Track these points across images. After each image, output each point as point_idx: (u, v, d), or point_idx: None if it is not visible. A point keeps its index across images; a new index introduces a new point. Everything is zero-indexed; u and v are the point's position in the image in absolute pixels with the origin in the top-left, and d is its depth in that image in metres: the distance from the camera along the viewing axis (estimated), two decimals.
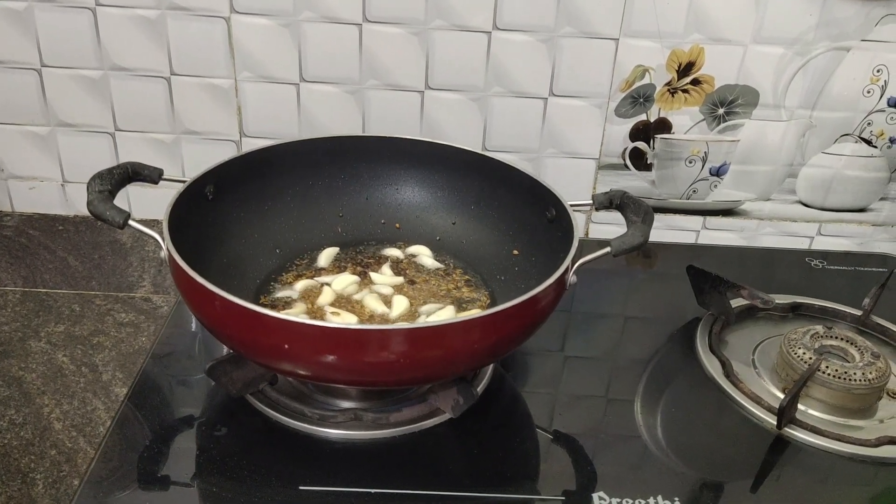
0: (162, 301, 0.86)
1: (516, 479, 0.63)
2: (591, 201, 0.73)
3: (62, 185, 0.95)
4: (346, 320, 0.70)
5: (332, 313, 0.71)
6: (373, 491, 0.59)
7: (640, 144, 0.95)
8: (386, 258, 0.81)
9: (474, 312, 0.74)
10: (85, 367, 0.75)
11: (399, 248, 0.82)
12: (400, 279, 0.78)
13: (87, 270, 0.91)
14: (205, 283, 0.56)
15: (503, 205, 0.79)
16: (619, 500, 0.60)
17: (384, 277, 0.78)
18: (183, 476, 0.61)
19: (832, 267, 0.96)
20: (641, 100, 0.92)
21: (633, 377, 0.76)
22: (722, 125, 0.94)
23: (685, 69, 0.90)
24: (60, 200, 0.96)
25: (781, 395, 0.72)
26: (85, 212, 0.95)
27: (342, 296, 0.75)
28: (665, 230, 1.01)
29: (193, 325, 0.80)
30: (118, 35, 0.86)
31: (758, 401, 0.71)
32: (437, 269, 0.80)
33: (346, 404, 0.67)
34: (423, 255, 0.82)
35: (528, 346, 0.64)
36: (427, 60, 0.88)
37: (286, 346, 0.55)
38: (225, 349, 0.75)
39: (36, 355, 0.77)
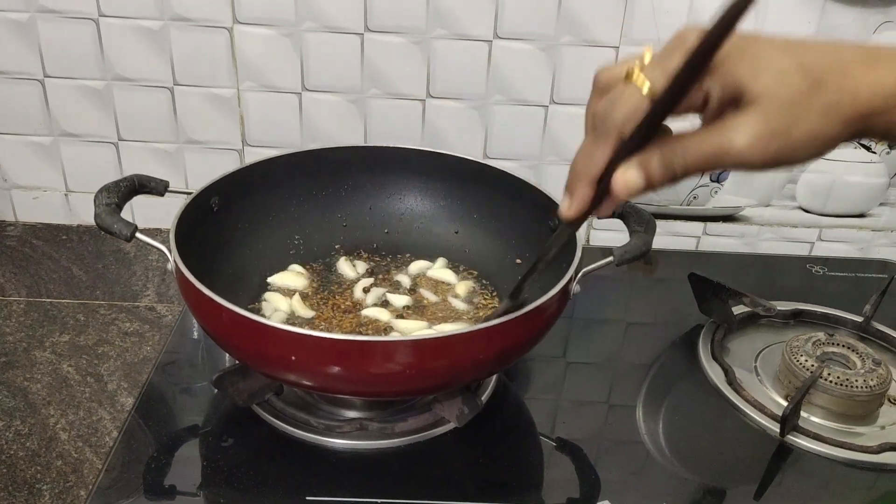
0: (166, 310, 0.86)
1: (521, 487, 0.64)
2: None
3: (66, 194, 0.95)
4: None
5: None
6: (379, 500, 0.60)
7: None
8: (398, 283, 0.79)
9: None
10: (90, 377, 0.76)
11: (406, 273, 0.80)
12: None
13: (91, 280, 0.91)
14: (212, 296, 0.56)
15: (505, 214, 0.80)
16: None
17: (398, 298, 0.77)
18: (189, 486, 0.61)
19: (833, 273, 0.97)
20: None
21: (635, 384, 0.76)
22: None
23: None
24: (64, 210, 0.96)
25: (784, 402, 0.73)
26: (88, 221, 0.96)
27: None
28: (666, 236, 1.01)
29: (196, 335, 0.80)
30: (121, 45, 0.86)
31: (760, 408, 0.72)
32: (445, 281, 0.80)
33: (351, 414, 0.68)
34: (435, 266, 0.81)
35: (531, 353, 0.65)
36: (428, 69, 0.89)
37: (293, 358, 0.56)
38: (229, 359, 0.75)
39: (41, 365, 0.77)
